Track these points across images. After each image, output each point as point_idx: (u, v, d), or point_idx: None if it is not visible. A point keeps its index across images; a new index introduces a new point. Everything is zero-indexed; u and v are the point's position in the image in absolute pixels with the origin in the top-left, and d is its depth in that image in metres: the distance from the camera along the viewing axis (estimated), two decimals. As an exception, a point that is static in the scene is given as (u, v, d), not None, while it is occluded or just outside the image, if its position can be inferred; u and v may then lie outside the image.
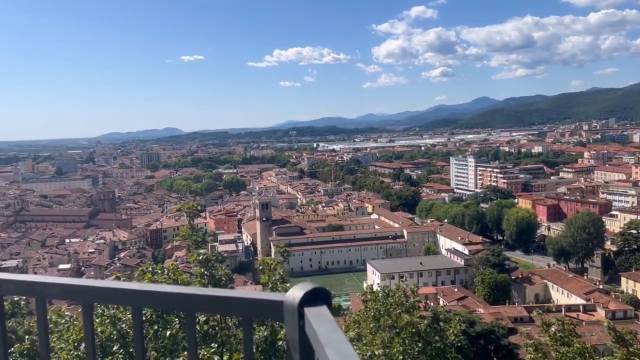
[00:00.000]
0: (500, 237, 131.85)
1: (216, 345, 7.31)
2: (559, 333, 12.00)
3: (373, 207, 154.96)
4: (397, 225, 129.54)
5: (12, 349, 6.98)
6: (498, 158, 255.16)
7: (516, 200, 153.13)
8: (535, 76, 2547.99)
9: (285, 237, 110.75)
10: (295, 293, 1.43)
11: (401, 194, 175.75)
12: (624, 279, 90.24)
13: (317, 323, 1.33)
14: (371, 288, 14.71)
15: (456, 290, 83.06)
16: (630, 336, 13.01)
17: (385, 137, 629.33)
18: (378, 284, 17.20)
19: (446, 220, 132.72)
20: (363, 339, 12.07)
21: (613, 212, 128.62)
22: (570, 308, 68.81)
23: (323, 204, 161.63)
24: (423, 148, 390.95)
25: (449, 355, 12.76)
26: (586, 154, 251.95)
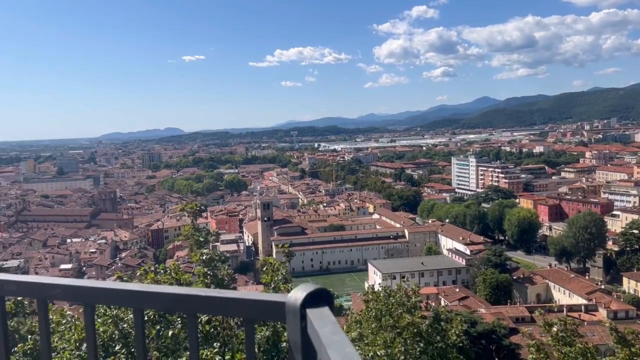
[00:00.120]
0: (501, 237, 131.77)
1: (218, 345, 7.32)
2: (561, 333, 12.00)
3: (374, 207, 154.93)
4: (399, 225, 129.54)
5: (16, 349, 6.99)
6: (499, 158, 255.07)
7: (518, 200, 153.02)
8: (536, 76, 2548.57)
9: (286, 237, 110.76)
10: (297, 294, 1.43)
11: (402, 194, 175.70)
12: (626, 279, 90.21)
13: (319, 324, 1.33)
14: (372, 288, 14.71)
15: (457, 290, 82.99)
16: (632, 336, 13.00)
17: (386, 137, 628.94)
18: (379, 284, 17.20)
19: (447, 220, 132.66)
20: (365, 339, 12.06)
21: (615, 212, 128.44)
22: (572, 308, 68.71)
23: (324, 204, 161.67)
24: (424, 148, 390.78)
25: (451, 355, 12.75)
26: (588, 154, 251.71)
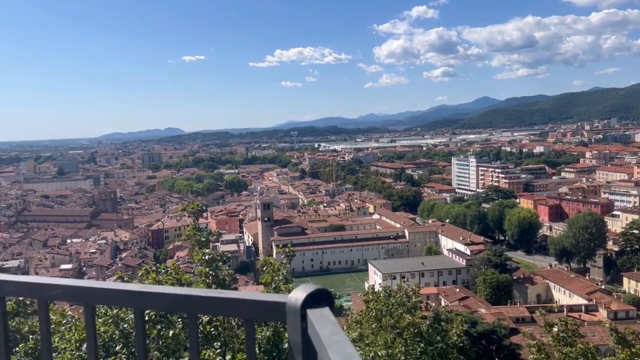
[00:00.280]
0: (501, 237, 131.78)
1: (219, 345, 7.33)
2: (562, 333, 11.99)
3: (374, 207, 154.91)
4: (399, 225, 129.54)
5: (17, 349, 6.99)
6: (499, 158, 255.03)
7: (518, 200, 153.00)
8: (536, 76, 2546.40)
9: (286, 238, 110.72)
10: (297, 294, 1.42)
11: (403, 194, 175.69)
12: (626, 279, 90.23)
13: (320, 325, 1.33)
14: (373, 288, 14.71)
15: (458, 290, 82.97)
16: (632, 337, 12.99)
17: (386, 137, 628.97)
18: (379, 284, 17.20)
19: (448, 220, 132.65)
20: (365, 339, 12.05)
21: (615, 212, 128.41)
22: (572, 308, 68.70)
23: (324, 204, 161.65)
24: (424, 148, 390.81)
25: (451, 355, 12.75)
26: (588, 154, 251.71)
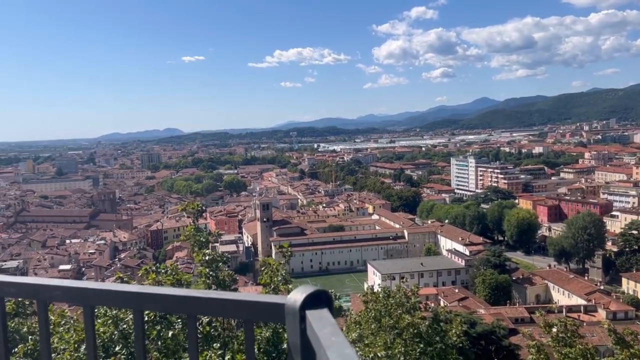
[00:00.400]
0: (501, 238, 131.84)
1: (218, 346, 7.33)
2: (561, 334, 12.00)
3: (374, 208, 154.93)
4: (398, 225, 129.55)
5: (16, 350, 6.98)
6: (499, 159, 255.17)
7: (517, 200, 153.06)
8: (535, 77, 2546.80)
9: (285, 238, 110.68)
10: (296, 296, 1.42)
11: (402, 195, 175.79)
12: (625, 280, 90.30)
13: (319, 326, 1.33)
14: (372, 289, 14.72)
15: (457, 290, 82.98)
16: (631, 337, 13.01)
17: (385, 138, 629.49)
18: (379, 285, 17.21)
19: (447, 220, 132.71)
20: (365, 340, 12.05)
21: (614, 213, 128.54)
22: (571, 309, 68.73)
23: (324, 205, 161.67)
24: (424, 149, 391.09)
25: (451, 356, 12.74)
26: (587, 155, 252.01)
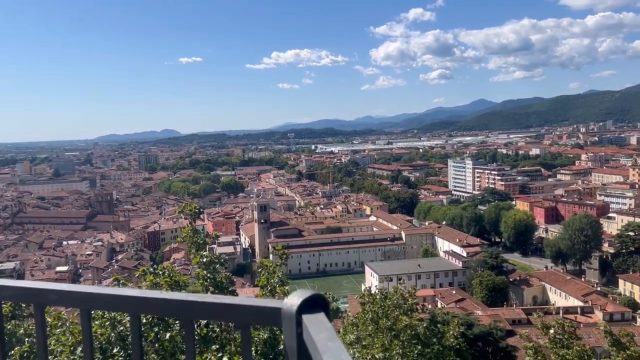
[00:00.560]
0: (498, 239, 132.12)
1: (216, 347, 7.32)
2: (558, 336, 12.02)
3: (371, 209, 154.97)
4: (395, 227, 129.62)
5: (12, 352, 6.96)
6: (496, 160, 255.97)
7: (514, 202, 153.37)
8: (532, 78, 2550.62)
9: (283, 239, 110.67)
10: (293, 300, 1.42)
11: (399, 196, 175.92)
12: (622, 281, 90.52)
13: (315, 330, 1.33)
14: (369, 290, 14.72)
15: (454, 292, 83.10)
16: (627, 339, 13.04)
17: (383, 139, 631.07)
18: (376, 286, 17.22)
19: (444, 222, 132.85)
20: (363, 342, 12.05)
21: (610, 214, 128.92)
22: (568, 310, 68.90)
23: (321, 206, 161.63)
24: (421, 150, 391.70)
25: (448, 358, 12.76)
26: (584, 156, 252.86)
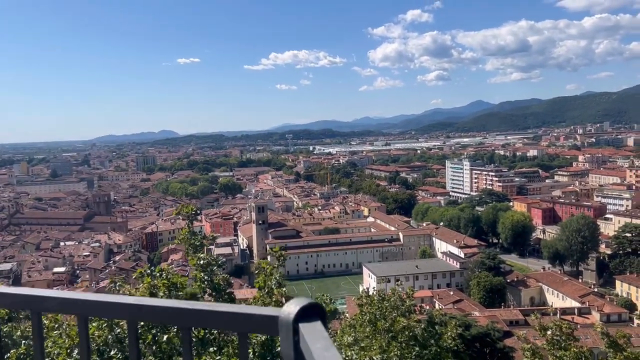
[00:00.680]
0: (495, 240, 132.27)
1: (214, 350, 7.32)
2: (556, 337, 12.02)
3: (369, 210, 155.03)
4: (393, 228, 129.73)
5: (9, 355, 6.94)
6: (493, 161, 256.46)
7: (511, 203, 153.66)
8: (530, 80, 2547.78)
9: (281, 240, 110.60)
10: (290, 308, 1.43)
11: (397, 197, 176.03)
12: (619, 282, 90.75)
13: (312, 339, 1.34)
14: (367, 292, 14.71)
15: (452, 293, 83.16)
16: (623, 340, 13.07)
17: (381, 141, 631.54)
18: (374, 288, 17.21)
19: (442, 223, 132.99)
20: (360, 343, 12.04)
21: (607, 216, 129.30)
22: (565, 311, 69.04)
23: (319, 207, 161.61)
24: (419, 151, 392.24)
25: (446, 359, 12.75)
26: (581, 158, 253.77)
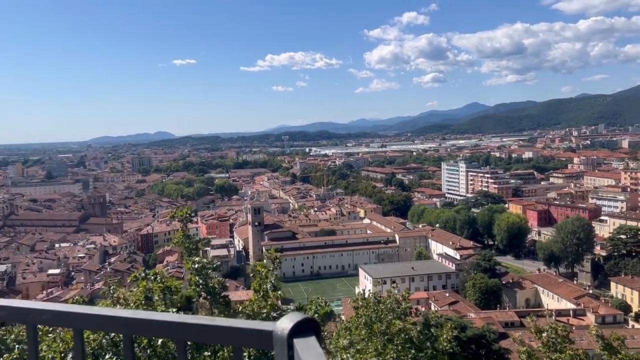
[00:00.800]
0: (491, 242, 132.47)
1: (209, 354, 7.28)
2: (551, 339, 12.04)
3: (365, 212, 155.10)
4: (389, 230, 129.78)
5: (2, 359, 6.89)
6: (489, 163, 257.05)
7: (507, 205, 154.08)
8: (525, 82, 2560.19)
9: (277, 242, 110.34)
10: (284, 324, 1.44)
11: (393, 199, 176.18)
12: (614, 284, 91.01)
13: (306, 355, 1.35)
14: (362, 294, 14.68)
15: (447, 295, 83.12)
16: (618, 342, 13.11)
17: (377, 142, 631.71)
18: (370, 289, 17.20)
19: (437, 225, 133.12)
20: (356, 346, 12.01)
21: (602, 217, 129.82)
22: (560, 313, 69.20)
23: (315, 209, 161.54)
24: (415, 153, 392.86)
25: (441, 362, 12.73)
26: (576, 160, 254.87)
